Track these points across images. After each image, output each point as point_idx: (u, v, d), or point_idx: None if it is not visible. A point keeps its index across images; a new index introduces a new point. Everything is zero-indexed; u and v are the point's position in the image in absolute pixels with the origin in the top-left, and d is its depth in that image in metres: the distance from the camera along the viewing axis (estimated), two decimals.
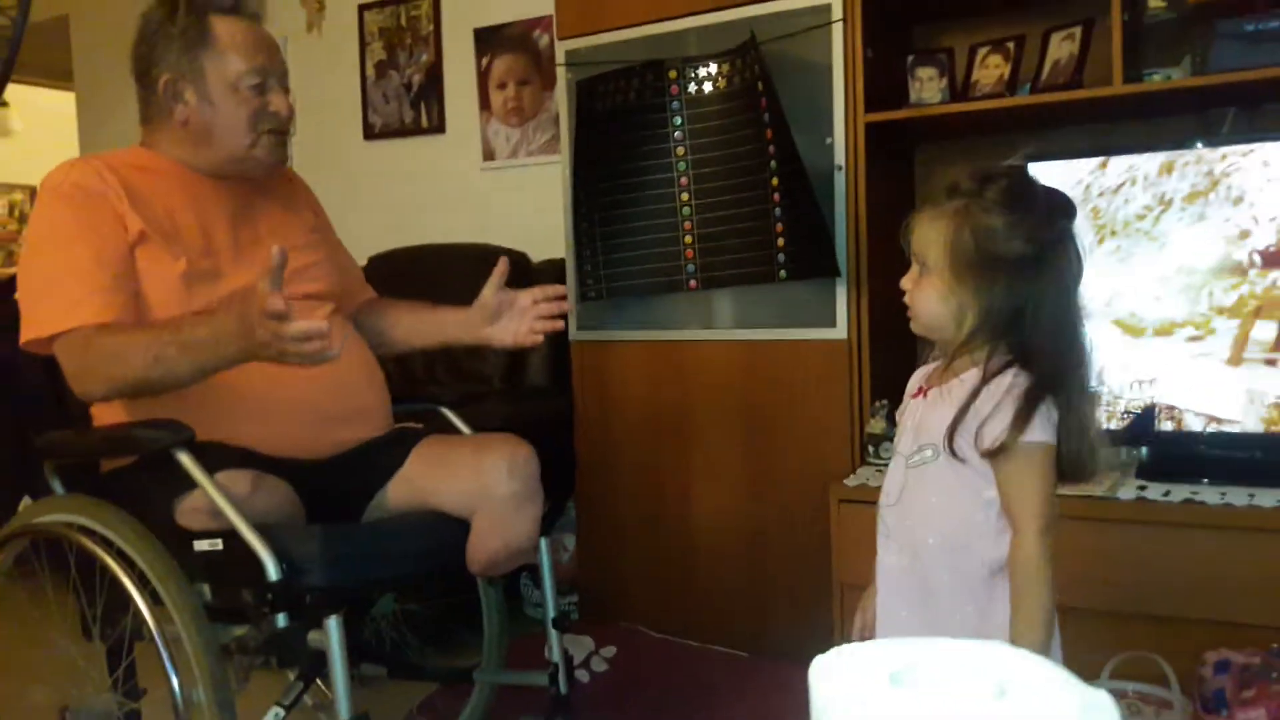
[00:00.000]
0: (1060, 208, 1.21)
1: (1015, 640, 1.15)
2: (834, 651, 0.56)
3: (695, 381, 2.42)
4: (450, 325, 1.87)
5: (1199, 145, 1.92)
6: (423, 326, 1.91)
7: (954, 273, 1.19)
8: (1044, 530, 1.16)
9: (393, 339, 1.92)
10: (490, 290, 1.79)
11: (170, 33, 1.64)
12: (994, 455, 1.16)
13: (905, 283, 1.26)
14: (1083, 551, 1.83)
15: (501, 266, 1.77)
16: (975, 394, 1.18)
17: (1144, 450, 2.08)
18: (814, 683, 0.54)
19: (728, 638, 2.38)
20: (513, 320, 1.80)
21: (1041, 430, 1.15)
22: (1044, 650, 1.16)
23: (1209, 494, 1.81)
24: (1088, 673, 1.61)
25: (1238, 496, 1.79)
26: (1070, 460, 1.19)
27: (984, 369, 1.20)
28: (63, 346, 1.53)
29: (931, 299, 1.22)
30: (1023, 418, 1.15)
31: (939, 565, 1.23)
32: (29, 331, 1.54)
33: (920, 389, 1.30)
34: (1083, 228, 1.23)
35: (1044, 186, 1.22)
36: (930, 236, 1.21)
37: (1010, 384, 1.17)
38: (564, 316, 1.80)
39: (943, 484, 1.22)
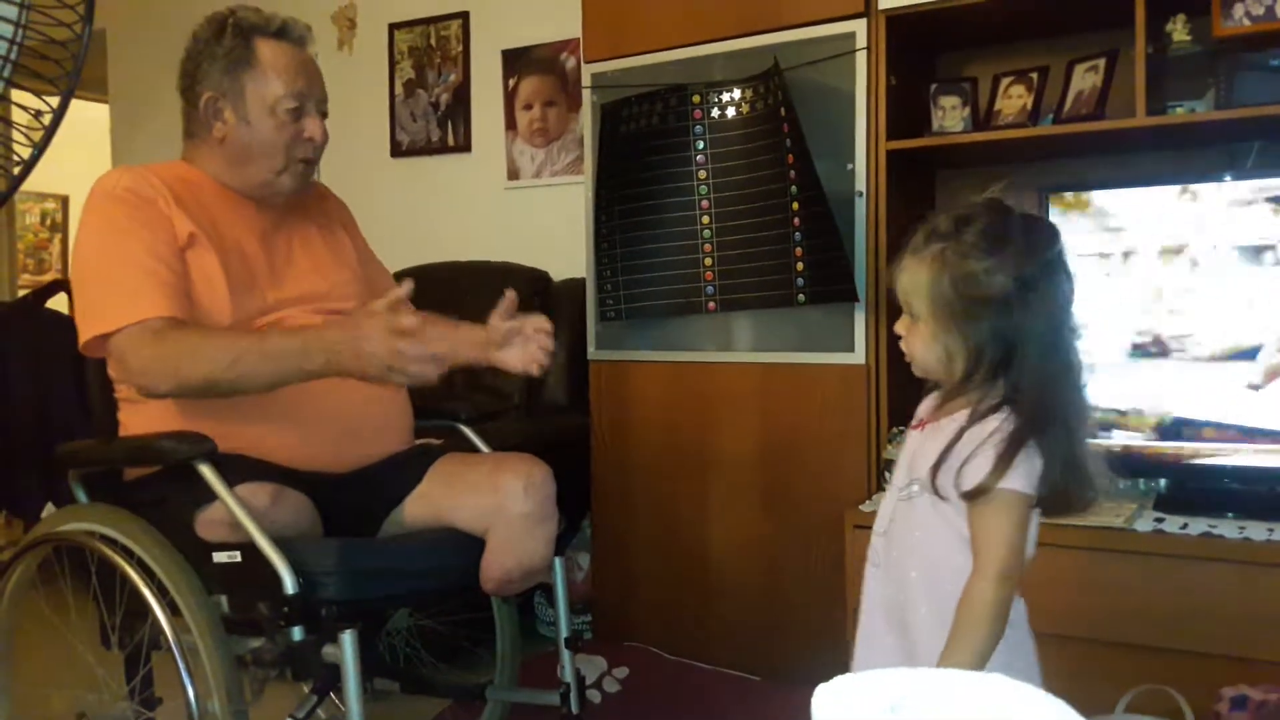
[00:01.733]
0: (1041, 239, 1.21)
1: (947, 655, 1.16)
2: (836, 681, 0.57)
3: (712, 403, 2.43)
4: (464, 346, 1.88)
5: (1226, 178, 1.92)
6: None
7: (938, 319, 1.20)
8: (1002, 576, 1.16)
9: None
10: (496, 318, 1.80)
11: (216, 52, 1.68)
12: (970, 497, 1.17)
13: (899, 328, 1.28)
14: (1099, 583, 1.82)
15: (509, 298, 1.78)
16: (960, 435, 1.19)
17: (1162, 482, 2.07)
18: (816, 712, 0.55)
19: (740, 661, 2.37)
20: (520, 346, 1.81)
21: (1019, 479, 1.15)
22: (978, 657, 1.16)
23: (1228, 528, 1.80)
24: (1102, 706, 1.60)
25: (1257, 531, 1.77)
26: (1060, 495, 1.19)
27: (974, 410, 1.20)
28: (128, 340, 1.52)
29: (922, 344, 1.23)
30: (1003, 464, 1.15)
31: (920, 598, 1.24)
32: (92, 328, 1.55)
33: (920, 421, 1.31)
34: (1068, 249, 1.23)
35: (1023, 218, 1.22)
36: (913, 284, 1.22)
37: (995, 428, 1.17)
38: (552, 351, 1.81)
39: (927, 520, 1.23)
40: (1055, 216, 2.03)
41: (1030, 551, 1.24)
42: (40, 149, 1.79)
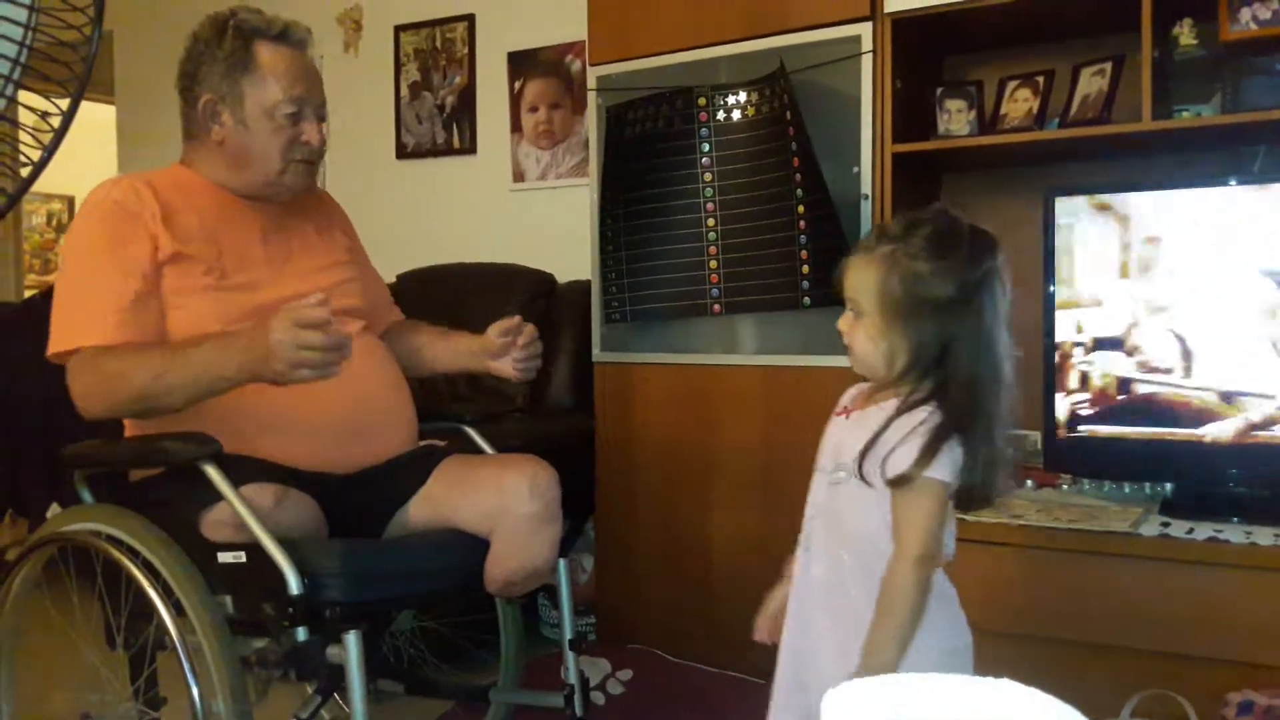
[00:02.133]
0: (984, 249, 1.26)
1: (866, 653, 1.22)
2: (845, 685, 0.57)
3: (717, 405, 2.43)
4: (464, 354, 1.91)
5: (1232, 182, 1.92)
6: (444, 354, 1.95)
7: (884, 316, 1.25)
8: (921, 560, 1.21)
9: (419, 362, 1.94)
10: (495, 331, 1.84)
11: (215, 55, 1.68)
12: (895, 484, 1.22)
13: (841, 325, 1.32)
14: (1105, 587, 1.82)
15: (514, 321, 1.83)
16: (888, 424, 1.24)
17: (1169, 487, 2.06)
18: (825, 717, 0.55)
19: (744, 664, 2.37)
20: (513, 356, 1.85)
21: (941, 468, 1.20)
22: (890, 669, 1.19)
23: (1234, 532, 1.79)
24: (1108, 710, 1.59)
25: (1263, 536, 1.77)
26: (974, 490, 1.25)
27: (903, 401, 1.25)
28: (72, 365, 1.57)
29: (866, 341, 1.28)
30: (928, 454, 1.20)
31: (850, 581, 1.28)
32: (51, 344, 1.60)
33: (845, 409, 1.36)
34: (1005, 265, 1.29)
35: (969, 228, 1.27)
36: (861, 282, 1.27)
37: (922, 419, 1.22)
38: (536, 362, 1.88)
39: (855, 505, 1.28)
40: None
41: (951, 546, 1.29)
42: (50, 151, 1.79)
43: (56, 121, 1.80)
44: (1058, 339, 2.06)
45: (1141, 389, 1.98)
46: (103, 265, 1.60)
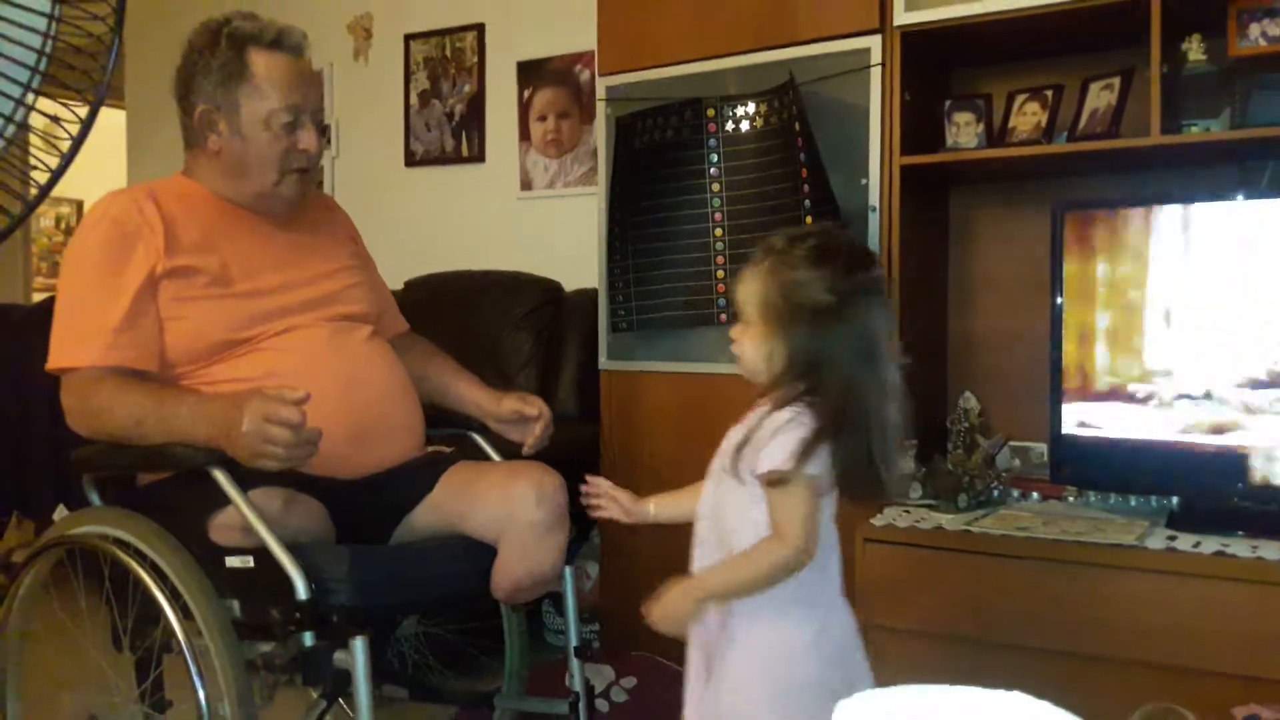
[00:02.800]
0: (859, 262, 1.34)
1: (703, 574, 1.37)
2: (857, 696, 0.57)
3: (722, 414, 2.40)
4: (469, 406, 1.92)
5: (1240, 197, 1.92)
6: (445, 399, 1.95)
7: (765, 322, 1.33)
8: (800, 550, 1.28)
9: (423, 391, 1.91)
10: (508, 409, 1.85)
11: (210, 64, 1.68)
12: (769, 482, 1.29)
13: (733, 333, 1.39)
14: (1110, 600, 1.81)
15: (532, 410, 1.83)
16: (759, 423, 1.32)
17: (1175, 500, 2.06)
18: None
19: None
20: (521, 426, 1.86)
21: (809, 465, 1.27)
22: (720, 588, 1.35)
23: (1240, 546, 1.79)
24: None
25: (1270, 550, 1.77)
26: (859, 489, 1.33)
27: (775, 401, 1.33)
28: (65, 383, 1.61)
29: (750, 346, 1.36)
30: (795, 452, 1.27)
31: None
32: (50, 359, 1.63)
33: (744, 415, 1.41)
34: (882, 280, 1.38)
35: (849, 244, 1.37)
36: (747, 292, 1.36)
37: (790, 418, 1.29)
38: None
39: (732, 502, 1.36)
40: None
41: (833, 539, 1.37)
42: (68, 159, 1.80)
43: (74, 129, 1.81)
44: (1065, 352, 2.06)
45: (1149, 403, 1.98)
46: (95, 286, 1.62)
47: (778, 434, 1.29)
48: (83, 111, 1.81)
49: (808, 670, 1.33)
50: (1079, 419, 2.05)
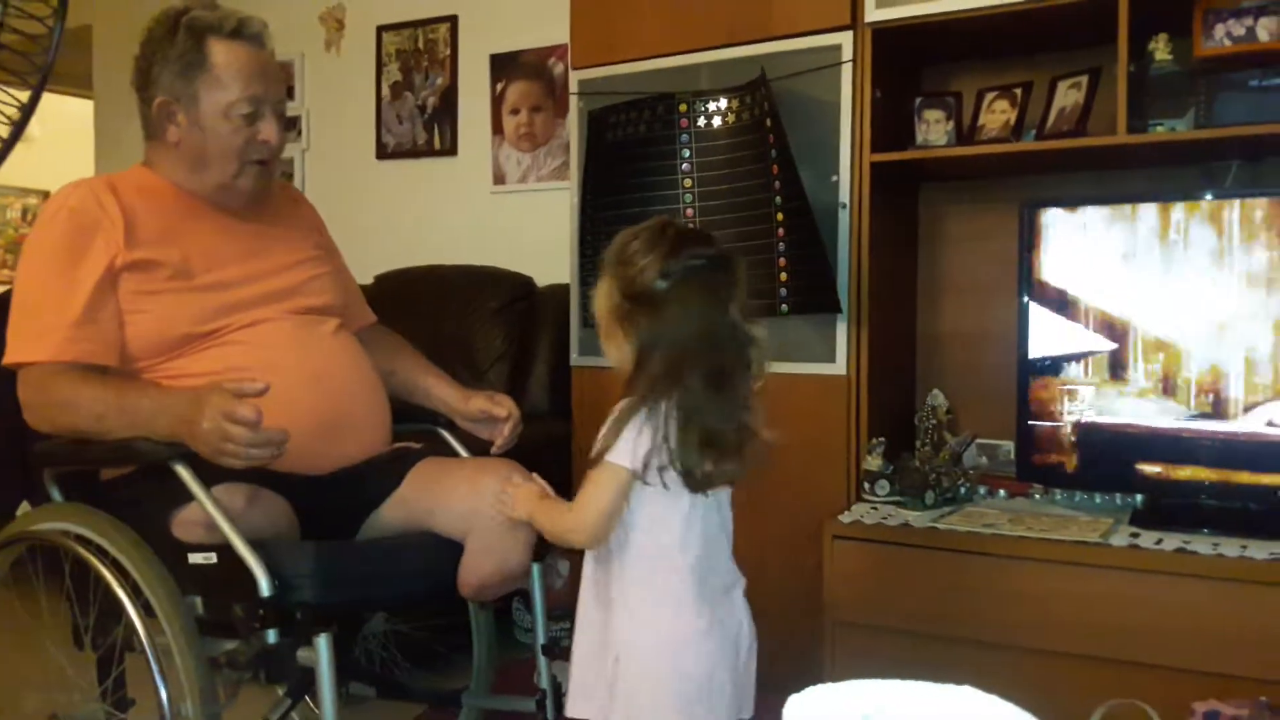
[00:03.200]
0: (691, 243, 1.36)
1: (546, 510, 1.48)
2: (808, 691, 0.57)
3: None
4: (435, 403, 1.92)
5: (1207, 196, 1.94)
6: (412, 394, 1.94)
7: (612, 322, 1.37)
8: (585, 526, 1.36)
9: (391, 386, 1.89)
10: (476, 408, 1.85)
11: (168, 54, 1.65)
12: (591, 462, 1.36)
13: (601, 341, 1.43)
14: (1073, 596, 1.83)
15: (501, 412, 1.82)
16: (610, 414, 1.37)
17: (1138, 498, 2.08)
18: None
19: None
20: (489, 426, 1.86)
21: (615, 453, 1.32)
22: (540, 515, 1.47)
23: (1202, 544, 1.81)
24: (1075, 718, 1.61)
25: (1230, 548, 1.79)
26: (692, 473, 1.32)
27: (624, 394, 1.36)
28: (21, 376, 1.59)
29: (610, 349, 1.40)
30: (607, 438, 1.33)
31: (601, 560, 1.42)
32: (5, 355, 1.60)
33: None
34: (727, 264, 1.38)
35: (683, 229, 1.39)
36: (596, 300, 1.40)
37: (621, 408, 1.34)
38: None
39: None
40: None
41: (680, 531, 1.36)
42: (9, 144, 1.77)
43: (15, 114, 1.78)
44: (1032, 350, 2.08)
45: (1114, 401, 2.00)
46: (53, 279, 1.59)
47: (607, 422, 1.35)
48: (24, 96, 1.78)
49: (701, 659, 1.35)
50: (1045, 417, 2.06)
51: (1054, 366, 2.06)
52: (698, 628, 1.35)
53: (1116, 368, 2.00)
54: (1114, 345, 2.00)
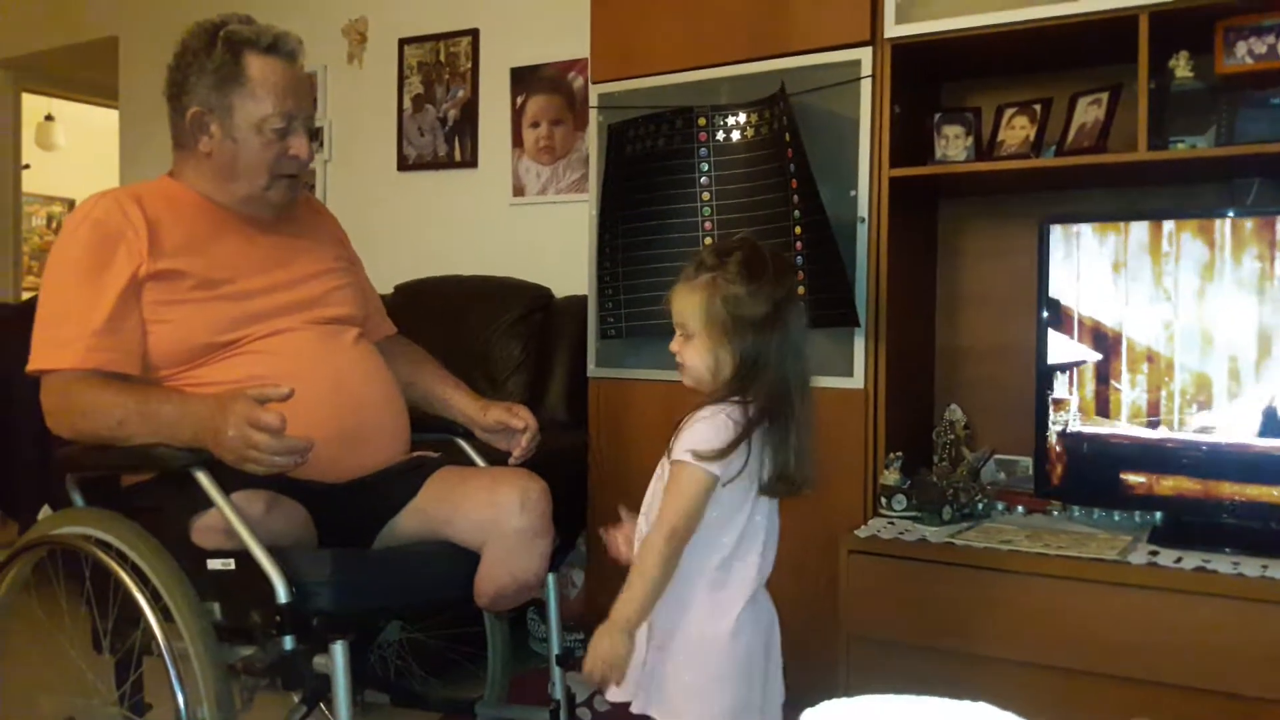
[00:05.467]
0: (786, 270, 1.48)
1: (617, 602, 1.42)
2: (823, 706, 0.57)
3: None
4: (454, 412, 1.93)
5: (1229, 214, 1.93)
6: (431, 404, 1.96)
7: (711, 334, 1.43)
8: (670, 533, 1.39)
9: (407, 396, 1.91)
10: (494, 419, 1.86)
11: (205, 65, 1.67)
12: (675, 464, 1.41)
13: (673, 347, 1.49)
14: (1091, 615, 1.82)
15: (519, 424, 1.84)
16: (690, 415, 1.44)
17: (1158, 515, 2.07)
18: None
19: None
20: (506, 437, 1.87)
21: (703, 457, 1.38)
22: (634, 610, 1.41)
23: (1222, 563, 1.80)
24: None
25: (1251, 567, 1.77)
26: (787, 479, 1.44)
27: (712, 399, 1.44)
28: (45, 384, 1.61)
29: (696, 357, 1.45)
30: (695, 444, 1.39)
31: None
32: (30, 361, 1.63)
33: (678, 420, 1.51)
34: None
35: (771, 254, 1.47)
36: (688, 307, 1.45)
37: (707, 415, 1.41)
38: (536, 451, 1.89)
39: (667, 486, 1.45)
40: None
41: (764, 537, 1.47)
42: None
43: None
44: (1050, 365, 2.07)
45: (1133, 418, 1.99)
46: (77, 288, 1.61)
47: (691, 426, 1.42)
48: None
49: (735, 655, 1.42)
50: (1064, 433, 2.06)
51: (1072, 382, 2.05)
52: (740, 619, 1.43)
53: (1135, 384, 1.99)
54: (1133, 362, 1.99)
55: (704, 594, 1.44)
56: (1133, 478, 1.99)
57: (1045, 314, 2.08)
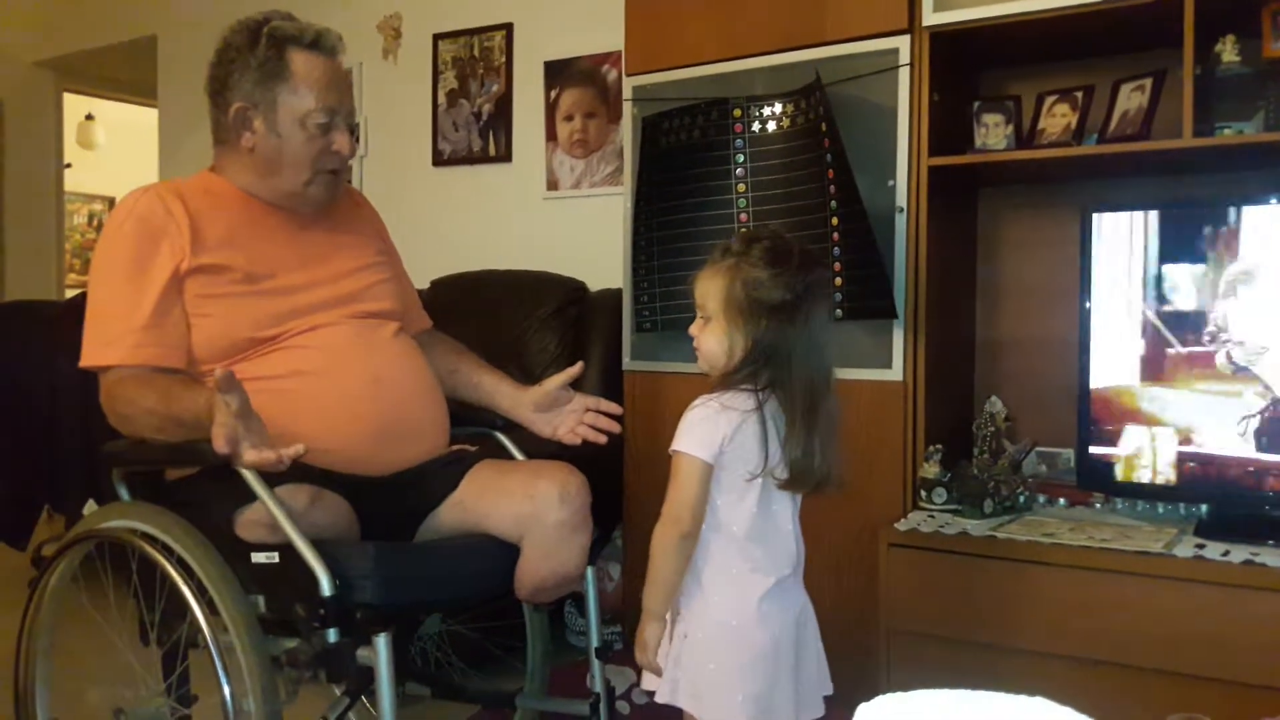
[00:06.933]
0: (811, 261, 1.47)
1: (647, 590, 1.47)
2: (878, 700, 0.57)
3: None
4: (500, 396, 1.93)
5: (1273, 201, 1.90)
6: (475, 390, 1.96)
7: (728, 317, 1.44)
8: (672, 523, 1.44)
9: (446, 385, 1.92)
10: (555, 384, 1.86)
11: (249, 62, 1.69)
12: (672, 456, 1.46)
13: (693, 330, 1.50)
14: (1137, 608, 1.80)
15: (576, 369, 1.85)
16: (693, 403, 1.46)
17: (1204, 508, 2.04)
18: None
19: None
20: (559, 416, 1.87)
21: (694, 444, 1.43)
22: (655, 601, 1.47)
23: (1270, 555, 1.77)
24: None
25: None
26: (808, 475, 1.44)
27: (715, 389, 1.45)
28: (101, 379, 1.64)
29: (712, 340, 1.46)
30: (686, 433, 1.44)
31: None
32: (82, 357, 1.66)
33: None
34: (828, 281, 1.52)
35: (798, 245, 1.47)
36: (709, 290, 1.46)
37: (699, 404, 1.45)
38: (613, 434, 1.90)
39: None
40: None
41: (785, 528, 1.48)
42: None
43: None
44: (1092, 355, 2.04)
45: (1178, 406, 1.96)
46: (121, 284, 1.64)
47: (684, 416, 1.45)
48: None
49: (764, 634, 1.44)
50: (1107, 424, 2.03)
51: (1115, 372, 2.02)
52: (763, 608, 1.44)
53: (1180, 373, 1.95)
54: (1177, 350, 1.96)
55: (723, 584, 1.46)
56: (1178, 469, 1.96)
57: (1088, 303, 2.05)
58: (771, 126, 2.31)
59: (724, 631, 1.44)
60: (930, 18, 2.17)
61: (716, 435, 1.42)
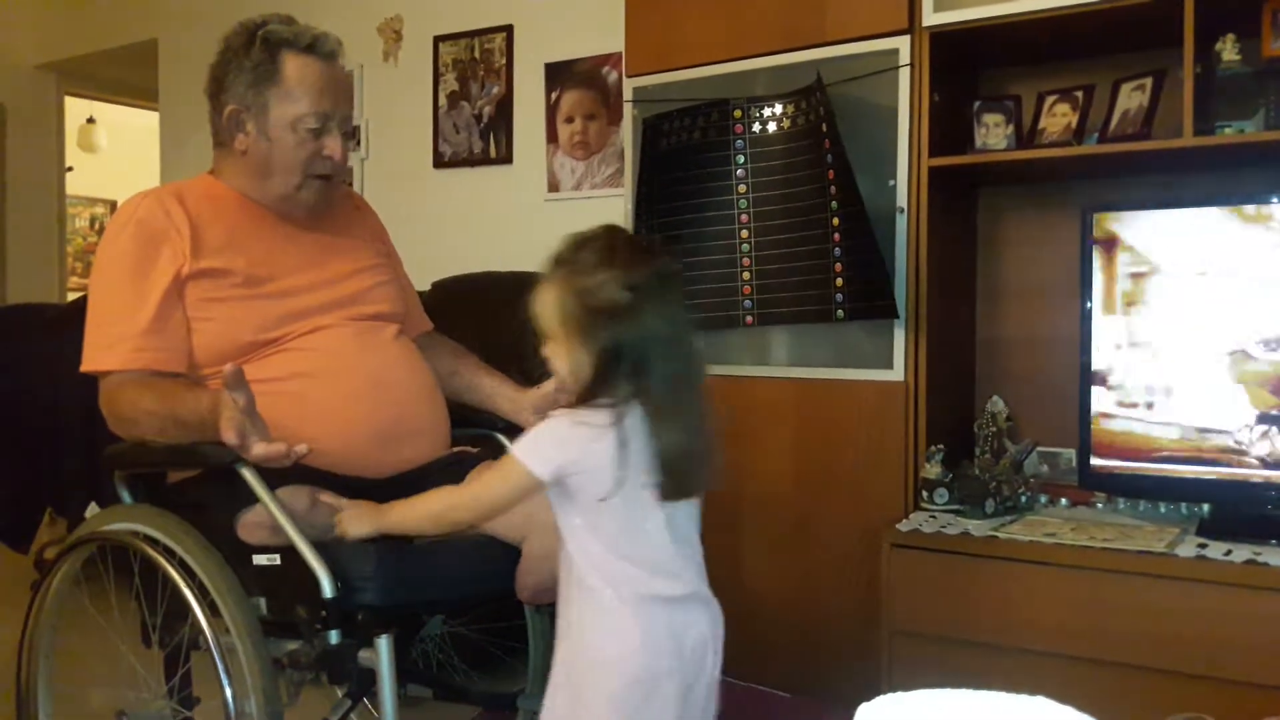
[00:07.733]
0: (649, 254, 1.35)
1: (404, 508, 1.46)
2: (879, 700, 0.57)
3: (748, 418, 2.42)
4: (501, 399, 1.92)
5: (1274, 200, 1.90)
6: (476, 392, 1.95)
7: (567, 332, 1.33)
8: (466, 508, 1.43)
9: (446, 387, 1.91)
10: (552, 385, 1.83)
11: (243, 64, 1.69)
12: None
13: (545, 353, 1.38)
14: (1139, 608, 1.79)
15: None
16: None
17: (1206, 508, 2.04)
18: None
19: (771, 678, 2.36)
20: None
21: (533, 456, 1.32)
22: (395, 520, 1.46)
23: (1273, 555, 1.77)
24: None
25: None
26: (675, 483, 1.33)
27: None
28: (101, 383, 1.64)
29: (558, 361, 1.35)
30: (527, 447, 1.34)
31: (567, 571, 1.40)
32: (83, 361, 1.66)
33: None
34: (677, 272, 1.39)
35: (636, 239, 1.37)
36: (543, 308, 1.35)
37: (553, 414, 1.35)
38: None
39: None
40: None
41: (662, 545, 1.37)
42: None
43: None
44: (1094, 355, 2.04)
45: (1179, 406, 1.96)
46: (122, 289, 1.64)
47: (538, 425, 1.36)
48: None
49: (629, 668, 1.33)
50: (1109, 424, 2.03)
51: (1116, 372, 2.02)
52: (648, 637, 1.34)
53: (1181, 373, 1.95)
54: (1177, 350, 1.96)
55: (590, 613, 1.36)
56: (1179, 469, 1.96)
57: (1089, 303, 2.05)
58: (772, 127, 2.31)
59: (595, 667, 1.35)
60: (930, 18, 2.17)
61: (559, 456, 1.31)
